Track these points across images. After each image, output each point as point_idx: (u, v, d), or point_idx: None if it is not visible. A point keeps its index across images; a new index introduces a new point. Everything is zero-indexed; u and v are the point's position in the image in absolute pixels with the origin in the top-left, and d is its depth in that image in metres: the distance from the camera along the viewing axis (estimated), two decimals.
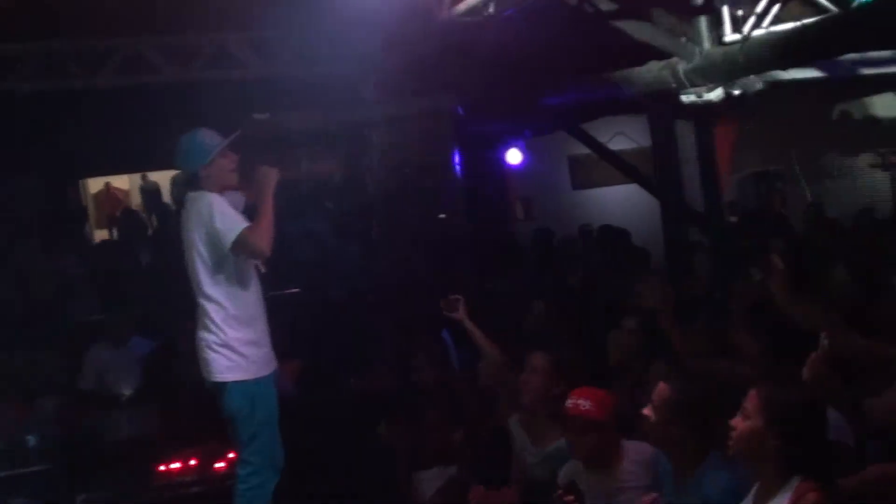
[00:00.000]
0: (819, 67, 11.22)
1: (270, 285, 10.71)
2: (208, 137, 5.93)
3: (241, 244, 5.65)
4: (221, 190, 5.89)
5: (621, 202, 14.64)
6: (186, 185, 6.09)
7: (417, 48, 8.77)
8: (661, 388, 4.57)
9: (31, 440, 8.52)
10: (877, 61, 11.23)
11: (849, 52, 10.19)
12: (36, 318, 10.56)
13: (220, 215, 5.70)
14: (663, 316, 5.81)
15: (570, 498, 4.94)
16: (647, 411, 4.60)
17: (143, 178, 16.62)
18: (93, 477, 7.34)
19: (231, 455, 7.65)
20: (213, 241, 5.69)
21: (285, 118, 11.56)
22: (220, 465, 7.51)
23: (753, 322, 5.86)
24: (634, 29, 8.41)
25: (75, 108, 9.84)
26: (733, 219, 13.26)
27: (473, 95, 9.56)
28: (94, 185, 15.52)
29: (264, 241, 5.70)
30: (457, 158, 9.45)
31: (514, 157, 13.58)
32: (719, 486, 4.32)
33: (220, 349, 5.79)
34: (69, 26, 8.45)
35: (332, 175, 11.78)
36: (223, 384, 5.80)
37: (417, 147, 9.30)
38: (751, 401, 3.91)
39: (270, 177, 5.84)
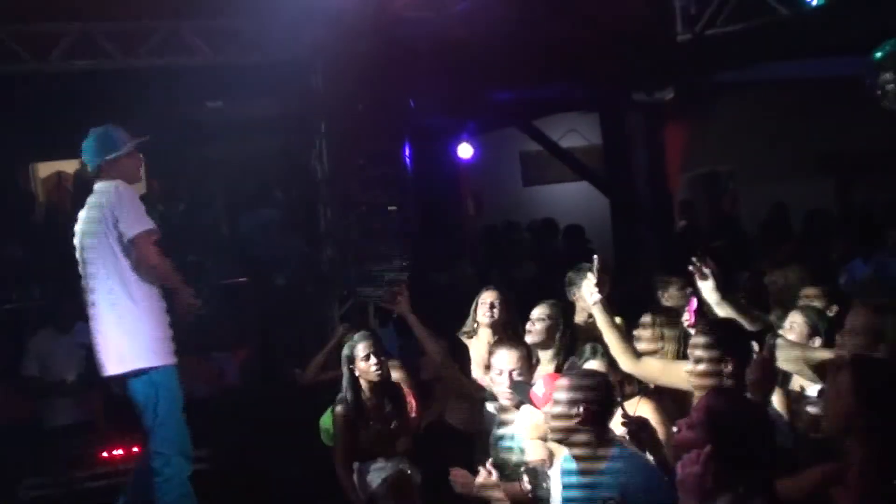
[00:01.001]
0: (770, 68, 11.36)
1: (220, 274, 10.77)
2: (118, 134, 6.14)
3: (137, 243, 5.78)
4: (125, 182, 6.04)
5: (572, 199, 14.68)
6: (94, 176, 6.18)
7: (369, 38, 8.75)
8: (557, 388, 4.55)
9: None
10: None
11: (799, 55, 10.34)
12: None
13: (131, 204, 5.86)
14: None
15: (528, 489, 4.98)
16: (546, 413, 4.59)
17: (81, 163, 16.25)
18: (36, 463, 7.28)
19: None
20: (117, 226, 5.80)
21: (237, 106, 11.55)
22: None
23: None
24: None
25: (25, 91, 9.74)
26: (683, 222, 13.32)
27: (424, 88, 9.57)
28: (44, 170, 15.31)
29: (155, 256, 5.85)
30: (407, 151, 9.45)
31: (464, 151, 13.59)
32: (633, 466, 4.35)
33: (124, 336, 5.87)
34: (20, 9, 8.35)
35: (281, 164, 11.74)
36: (127, 373, 5.87)
37: (367, 138, 9.29)
38: (696, 412, 3.95)
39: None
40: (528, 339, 5.91)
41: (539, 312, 6.05)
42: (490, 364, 5.76)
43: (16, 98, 10.01)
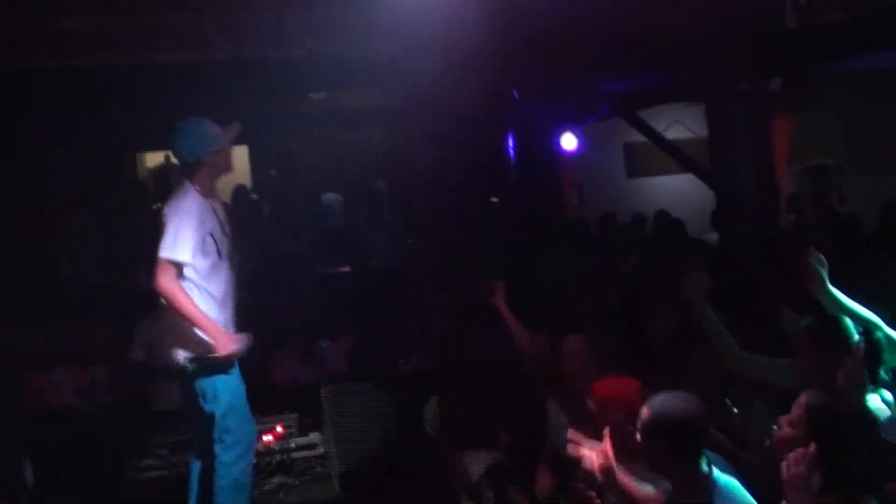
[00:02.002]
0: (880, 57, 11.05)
1: (323, 264, 10.87)
2: (210, 127, 6.02)
3: (159, 265, 5.77)
4: (212, 182, 6.04)
5: (676, 192, 14.52)
6: (183, 171, 6.14)
7: (473, 29, 8.74)
8: (642, 411, 4.30)
9: (86, 406, 8.69)
10: None
11: None
12: (90, 290, 10.70)
13: (180, 225, 5.80)
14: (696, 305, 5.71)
15: (592, 494, 4.93)
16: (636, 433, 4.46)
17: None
18: (143, 445, 7.44)
19: (279, 428, 7.74)
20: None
21: (341, 98, 11.62)
22: (267, 437, 7.57)
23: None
24: None
25: (133, 81, 9.92)
26: (791, 216, 13.06)
27: (529, 79, 9.53)
28: (152, 159, 15.61)
29: (168, 286, 5.77)
30: (510, 142, 9.43)
31: (568, 142, 13.48)
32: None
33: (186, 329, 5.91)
34: (127, 2, 8.51)
35: (384, 156, 11.83)
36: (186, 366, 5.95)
37: (471, 129, 9.29)
38: (797, 408, 3.87)
39: (225, 345, 5.88)
40: None
41: None
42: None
43: (123, 89, 10.21)
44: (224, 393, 5.96)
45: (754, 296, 7.49)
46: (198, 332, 5.87)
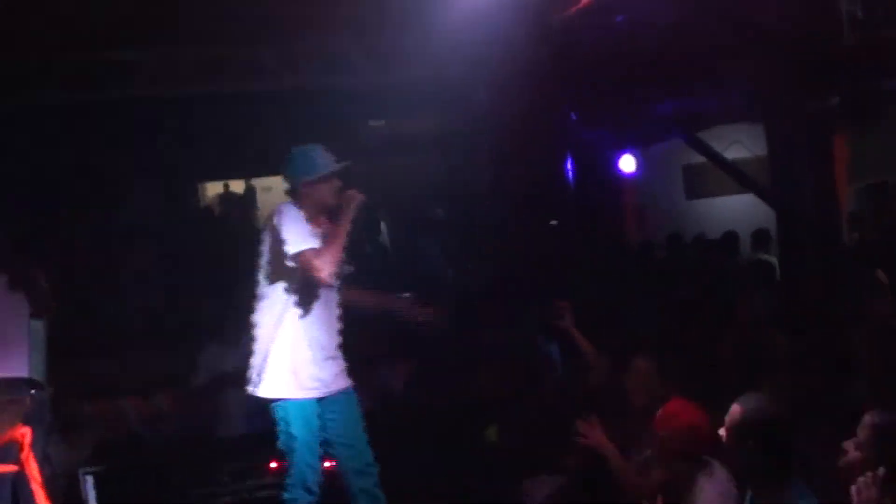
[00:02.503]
0: None
1: (387, 288, 10.89)
2: (320, 156, 5.91)
3: (303, 261, 5.61)
4: (315, 212, 5.86)
5: (736, 212, 14.38)
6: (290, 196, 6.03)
7: (530, 52, 8.75)
8: (733, 410, 4.33)
9: (148, 434, 8.77)
10: None
11: None
12: (153, 318, 10.82)
13: (292, 224, 5.67)
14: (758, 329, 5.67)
15: None
16: (721, 432, 4.44)
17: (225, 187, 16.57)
18: (206, 472, 7.48)
19: None
20: (277, 248, 5.68)
21: (399, 124, 11.67)
22: (328, 464, 7.58)
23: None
24: None
25: (192, 112, 10.05)
26: (855, 234, 12.90)
27: (587, 101, 9.51)
28: (213, 189, 15.79)
29: (326, 267, 5.61)
30: (569, 165, 9.41)
31: (627, 164, 13.42)
32: None
33: (271, 362, 5.84)
34: (187, 33, 8.63)
35: (443, 181, 11.86)
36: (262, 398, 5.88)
37: (529, 152, 9.28)
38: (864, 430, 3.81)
39: (354, 200, 5.79)
40: None
41: None
42: None
43: (186, 119, 10.34)
44: (291, 428, 5.85)
45: (816, 317, 7.42)
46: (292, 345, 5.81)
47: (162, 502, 7.85)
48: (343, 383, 6.06)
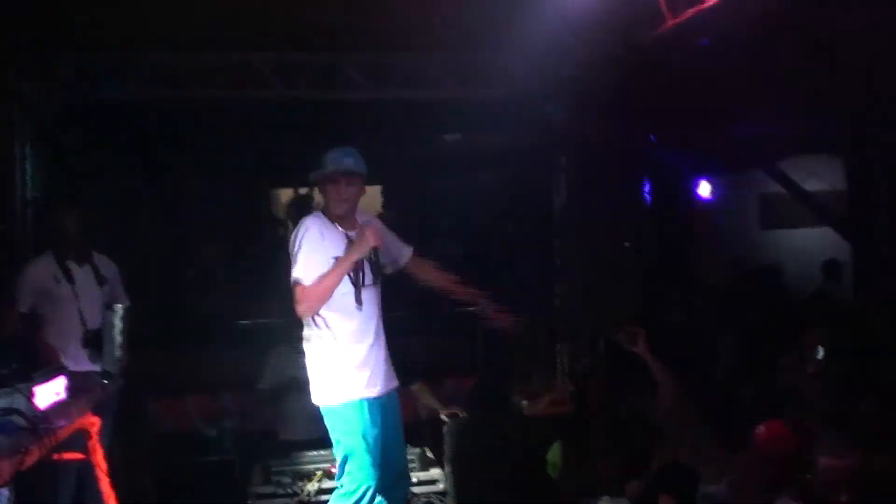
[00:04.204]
0: None
1: (454, 303, 10.90)
2: (332, 155, 5.88)
3: (293, 288, 5.69)
4: (334, 211, 5.88)
5: (812, 245, 14.19)
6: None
7: (610, 72, 8.70)
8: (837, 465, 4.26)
9: (212, 432, 8.83)
10: None
11: None
12: (221, 318, 10.91)
13: (302, 246, 5.71)
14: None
15: None
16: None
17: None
18: (268, 473, 7.52)
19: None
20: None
21: (476, 139, 11.67)
22: None
23: None
24: None
25: (272, 118, 10.12)
26: None
27: (667, 124, 9.45)
28: (286, 195, 15.91)
29: (307, 302, 5.67)
30: (645, 187, 9.35)
31: (704, 190, 13.32)
32: None
33: (317, 369, 5.88)
34: (269, 39, 8.70)
35: (515, 197, 11.86)
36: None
37: (606, 173, 9.23)
38: None
39: (365, 243, 5.77)
40: None
41: None
42: None
43: (262, 124, 10.42)
44: (347, 434, 5.84)
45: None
46: (339, 361, 5.83)
47: (222, 499, 7.92)
48: (390, 385, 6.05)
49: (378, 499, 5.84)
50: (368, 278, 5.97)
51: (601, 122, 9.13)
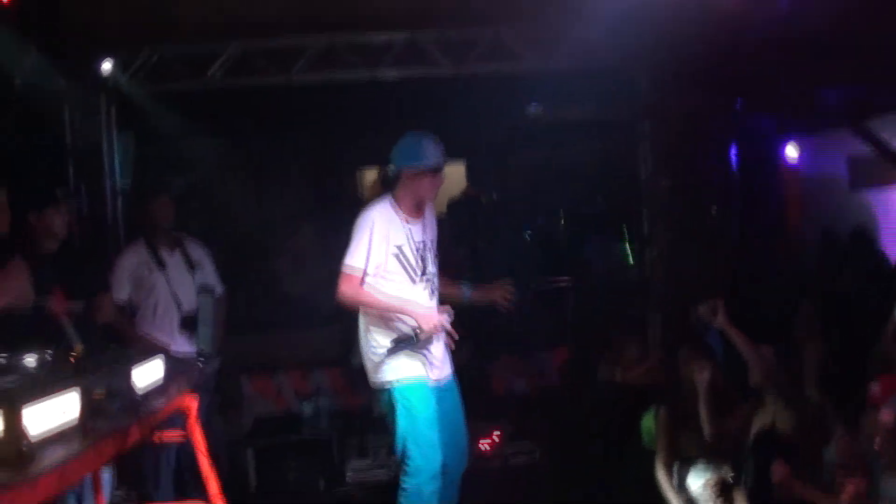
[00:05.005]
0: None
1: (542, 275, 10.92)
2: (431, 147, 5.95)
3: (342, 272, 5.74)
4: (414, 201, 5.93)
5: None
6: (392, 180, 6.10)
7: (694, 39, 8.60)
8: (884, 414, 4.20)
9: (307, 409, 8.96)
10: None
11: None
12: (312, 297, 11.03)
13: (362, 234, 5.77)
14: None
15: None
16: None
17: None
18: (363, 447, 7.62)
19: (497, 433, 7.78)
20: None
21: (559, 111, 11.60)
22: (484, 442, 7.64)
23: None
24: None
25: (355, 99, 10.17)
26: None
27: (753, 88, 9.30)
28: (371, 176, 15.99)
29: (348, 295, 5.74)
30: (732, 152, 9.23)
31: (791, 153, 13.11)
32: None
33: (372, 349, 5.90)
34: (348, 20, 8.74)
35: (603, 168, 11.80)
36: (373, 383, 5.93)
37: (692, 140, 9.13)
38: None
39: (428, 323, 5.78)
40: None
41: None
42: None
43: (347, 106, 10.47)
44: (408, 413, 5.85)
45: None
46: (389, 329, 5.85)
47: (319, 476, 8.05)
48: (449, 369, 6.05)
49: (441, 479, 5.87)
50: (430, 267, 6.01)
51: (685, 90, 9.02)
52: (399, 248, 5.86)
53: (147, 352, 5.04)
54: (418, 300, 5.92)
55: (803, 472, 5.55)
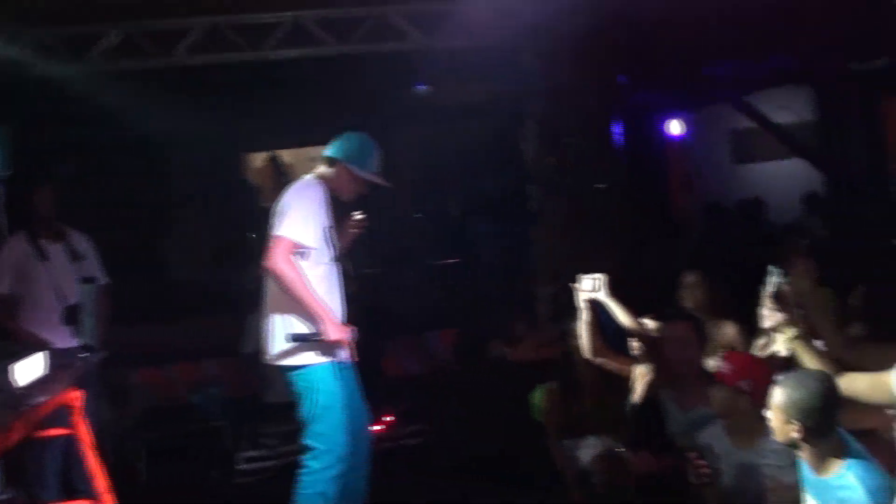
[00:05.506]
0: None
1: (430, 256, 10.94)
2: (372, 154, 5.96)
3: (276, 241, 5.60)
4: (334, 192, 5.90)
5: (783, 177, 14.25)
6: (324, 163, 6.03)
7: (579, 16, 8.65)
8: (776, 392, 4.31)
9: (197, 400, 8.86)
10: None
11: None
12: (201, 286, 10.91)
13: (303, 207, 5.70)
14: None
15: (702, 463, 4.96)
16: (766, 414, 4.40)
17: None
18: (255, 437, 7.55)
19: (388, 418, 7.78)
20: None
21: (444, 91, 11.60)
22: (375, 427, 7.62)
23: None
24: None
25: (239, 80, 10.04)
26: None
27: (637, 65, 9.41)
28: (256, 160, 15.83)
29: (280, 264, 5.56)
30: (617, 128, 9.32)
31: (675, 128, 13.33)
32: (862, 485, 4.06)
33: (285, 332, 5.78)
34: (233, 1, 8.62)
35: (489, 147, 11.85)
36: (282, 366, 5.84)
37: (577, 117, 9.21)
38: None
39: (336, 334, 5.69)
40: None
41: None
42: None
43: (229, 87, 10.33)
44: (321, 394, 5.76)
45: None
46: (303, 315, 5.72)
47: (212, 467, 7.96)
48: (350, 354, 6.04)
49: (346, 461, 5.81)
50: (339, 250, 6.00)
51: (570, 68, 9.08)
52: (328, 227, 5.84)
53: (29, 346, 4.92)
54: (336, 280, 5.90)
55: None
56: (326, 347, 5.75)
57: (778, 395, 4.23)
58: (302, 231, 5.67)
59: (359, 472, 5.96)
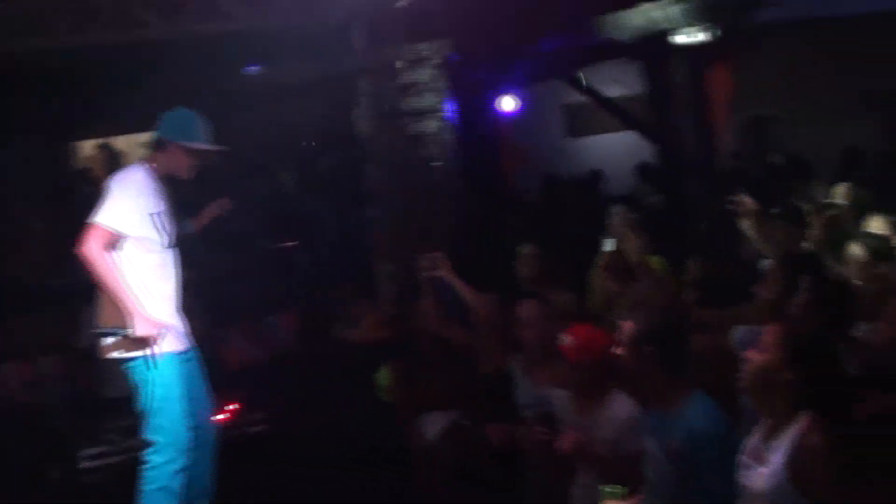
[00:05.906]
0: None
1: (268, 239, 10.83)
2: (199, 125, 5.78)
3: (89, 229, 5.47)
4: (169, 173, 5.74)
5: (616, 150, 14.57)
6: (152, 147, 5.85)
7: None
8: (626, 325, 4.50)
9: (35, 399, 8.59)
10: None
11: None
12: (36, 281, 10.56)
13: (122, 196, 5.55)
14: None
15: (544, 431, 5.03)
16: (616, 350, 4.55)
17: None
18: (95, 432, 7.35)
19: (231, 407, 7.68)
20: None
21: (276, 71, 11.48)
22: (219, 417, 7.50)
23: None
24: None
25: (63, 66, 9.73)
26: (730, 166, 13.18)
27: (467, 41, 9.45)
28: (86, 148, 15.40)
29: (92, 250, 5.43)
30: (450, 106, 9.37)
31: (507, 104, 13.45)
32: (704, 414, 4.25)
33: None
34: None
35: (323, 127, 11.80)
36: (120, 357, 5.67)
37: (409, 94, 9.23)
38: (769, 335, 3.86)
39: (145, 328, 5.53)
40: None
41: None
42: None
43: (50, 75, 10.01)
44: (157, 387, 5.59)
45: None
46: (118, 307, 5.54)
47: (51, 465, 7.73)
48: (191, 342, 5.92)
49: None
50: (173, 236, 5.84)
51: (400, 45, 9.08)
52: (155, 213, 5.65)
53: None
54: (169, 268, 5.75)
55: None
56: (140, 342, 5.56)
57: (631, 326, 4.36)
58: (117, 218, 5.50)
59: (203, 463, 5.87)
